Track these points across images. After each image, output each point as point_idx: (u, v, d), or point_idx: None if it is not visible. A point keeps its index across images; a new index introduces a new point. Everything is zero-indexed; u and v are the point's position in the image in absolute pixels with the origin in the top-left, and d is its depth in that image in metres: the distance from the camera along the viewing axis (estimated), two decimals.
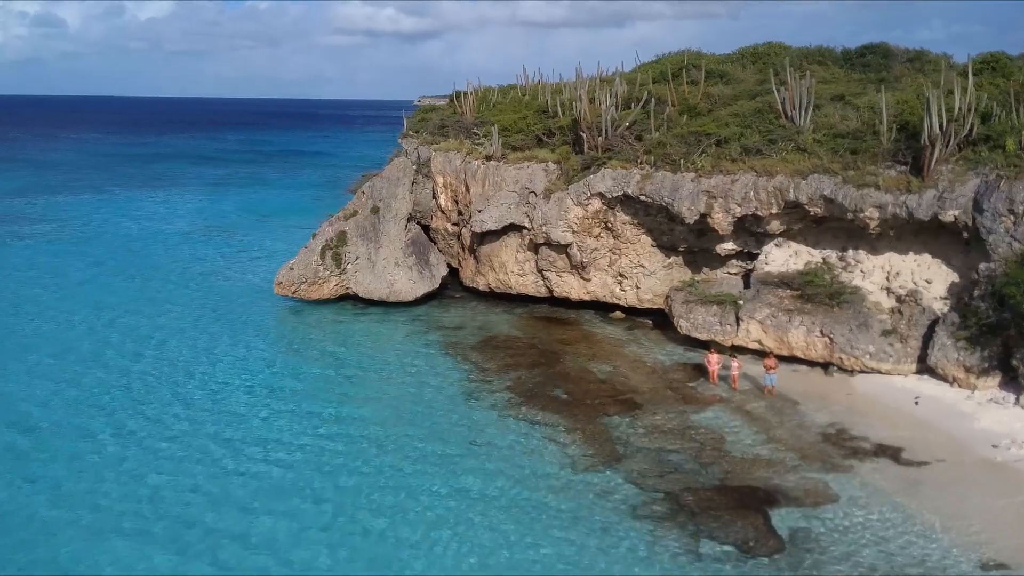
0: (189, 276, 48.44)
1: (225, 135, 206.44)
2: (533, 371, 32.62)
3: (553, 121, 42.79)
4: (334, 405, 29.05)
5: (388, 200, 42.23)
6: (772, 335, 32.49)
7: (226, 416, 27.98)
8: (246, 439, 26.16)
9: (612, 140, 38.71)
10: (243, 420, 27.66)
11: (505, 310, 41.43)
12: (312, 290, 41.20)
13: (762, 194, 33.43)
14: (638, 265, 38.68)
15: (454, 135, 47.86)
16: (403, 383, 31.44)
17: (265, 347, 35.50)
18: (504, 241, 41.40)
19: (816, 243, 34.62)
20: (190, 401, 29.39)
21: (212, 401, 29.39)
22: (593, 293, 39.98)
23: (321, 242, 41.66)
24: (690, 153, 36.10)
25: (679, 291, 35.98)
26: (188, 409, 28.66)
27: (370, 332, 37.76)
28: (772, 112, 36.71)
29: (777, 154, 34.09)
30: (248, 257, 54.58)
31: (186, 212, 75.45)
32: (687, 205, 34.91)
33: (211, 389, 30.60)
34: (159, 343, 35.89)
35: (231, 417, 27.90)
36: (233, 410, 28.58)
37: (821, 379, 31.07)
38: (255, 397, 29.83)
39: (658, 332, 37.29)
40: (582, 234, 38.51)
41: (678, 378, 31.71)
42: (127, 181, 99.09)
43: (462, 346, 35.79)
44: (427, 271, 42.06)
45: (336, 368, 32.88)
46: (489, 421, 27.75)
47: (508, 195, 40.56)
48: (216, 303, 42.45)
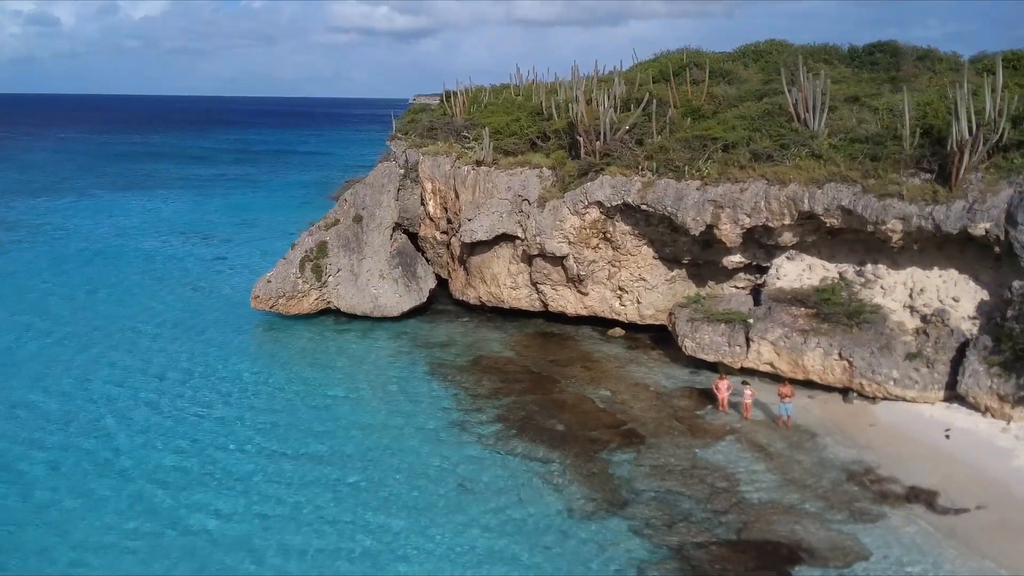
0: (162, 287, 45.74)
1: (217, 134, 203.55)
2: (526, 397, 30.03)
3: (548, 124, 40.15)
4: (296, 442, 26.12)
5: (372, 208, 39.59)
6: (786, 357, 29.92)
7: (164, 463, 24.82)
8: (187, 486, 23.32)
9: (611, 144, 36.08)
10: (183, 469, 24.48)
11: (497, 326, 38.82)
12: (291, 305, 38.57)
13: (774, 204, 30.85)
14: (639, 278, 36.10)
15: (443, 138, 45.18)
16: (383, 412, 28.74)
17: (227, 372, 32.60)
18: (496, 252, 38.79)
19: (831, 256, 32.06)
20: (132, 431, 26.91)
21: (151, 439, 26.44)
22: (591, 308, 37.39)
23: (300, 253, 39.04)
24: (695, 159, 33.50)
25: (683, 308, 33.39)
26: (130, 439, 26.29)
27: (350, 352, 35.09)
28: (783, 114, 34.12)
29: (790, 160, 31.49)
30: (227, 265, 51.89)
31: (169, 215, 72.74)
32: (692, 215, 32.33)
33: (152, 423, 27.73)
34: (111, 364, 33.24)
35: (169, 466, 24.58)
36: (176, 448, 25.74)
37: (840, 407, 28.50)
38: (201, 434, 26.80)
39: (660, 351, 34.70)
40: (579, 245, 35.91)
41: (684, 405, 29.13)
42: (112, 182, 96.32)
43: (450, 367, 33.17)
44: (414, 284, 39.43)
45: (307, 396, 30.05)
46: (478, 458, 25.13)
47: (500, 203, 37.95)
48: (185, 318, 39.76)
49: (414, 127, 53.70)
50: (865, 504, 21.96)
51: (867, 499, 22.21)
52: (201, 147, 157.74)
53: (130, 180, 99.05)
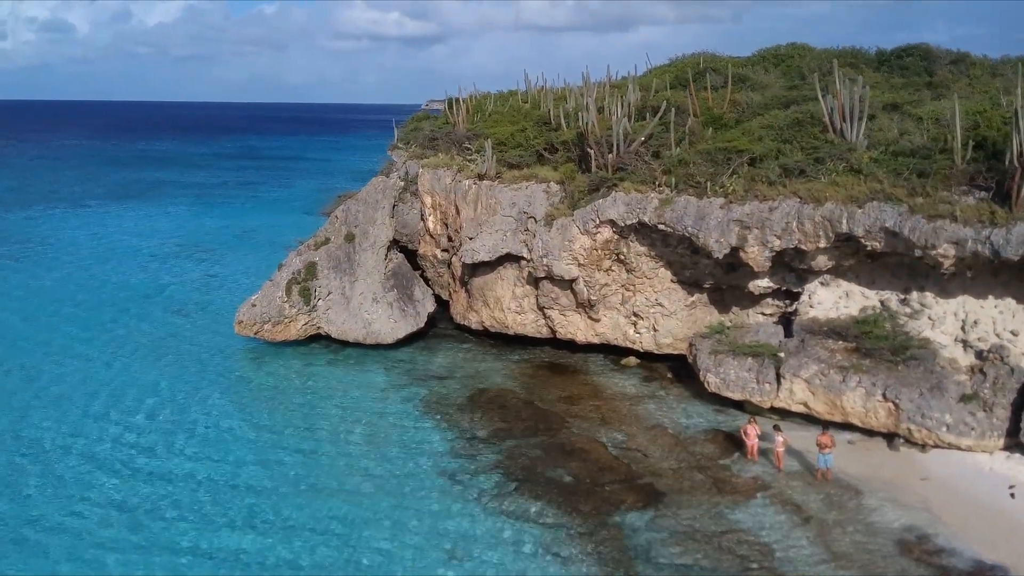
0: (144, 309, 42.73)
1: (223, 140, 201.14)
2: (531, 440, 26.85)
3: (556, 134, 36.98)
4: (239, 511, 22.54)
5: (365, 226, 36.52)
6: (822, 398, 26.66)
7: (110, 518, 21.96)
8: (146, 545, 20.33)
9: (625, 157, 32.89)
10: (137, 523, 21.68)
11: (500, 354, 35.65)
12: (277, 331, 35.51)
13: (807, 225, 27.62)
14: (655, 304, 32.89)
15: (445, 149, 42.11)
16: (370, 460, 25.55)
17: (200, 409, 29.47)
18: (500, 273, 35.65)
19: (871, 282, 28.79)
20: (43, 480, 24.00)
21: (59, 490, 23.46)
22: (603, 335, 34.19)
23: (287, 275, 35.98)
24: (718, 174, 30.31)
25: (705, 339, 30.15)
26: (40, 488, 23.38)
27: (339, 385, 31.92)
28: (815, 124, 30.90)
29: (825, 176, 28.27)
30: (216, 284, 48.86)
31: (164, 227, 69.89)
32: (715, 237, 29.13)
33: (67, 473, 24.64)
34: (80, 395, 30.51)
35: (116, 524, 21.68)
36: (126, 505, 22.71)
37: (885, 455, 25.22)
38: (121, 493, 23.48)
39: (680, 386, 31.47)
40: (590, 267, 32.74)
41: (708, 453, 25.88)
42: (109, 192, 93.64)
43: (447, 404, 30.02)
44: (410, 308, 36.30)
45: (285, 441, 26.87)
46: (472, 518, 21.97)
47: (503, 220, 34.81)
48: (163, 344, 36.75)
49: (415, 136, 50.71)
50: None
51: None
52: (205, 154, 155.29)
53: (128, 189, 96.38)
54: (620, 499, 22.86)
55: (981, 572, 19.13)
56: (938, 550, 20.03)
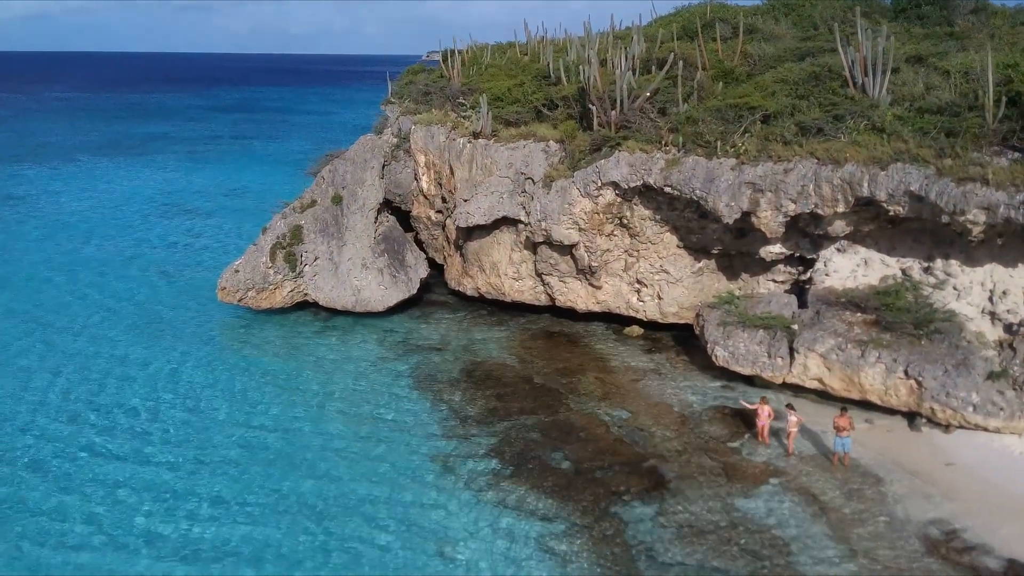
0: (124, 272, 40.92)
1: (221, 93, 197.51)
2: (528, 419, 25.21)
3: (556, 89, 34.78)
4: (240, 482, 21.48)
5: (353, 187, 34.54)
6: (838, 374, 24.91)
7: (64, 506, 20.48)
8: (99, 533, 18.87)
9: (629, 114, 30.79)
10: (91, 512, 20.19)
11: (497, 322, 33.92)
12: (261, 298, 33.75)
13: (825, 188, 25.65)
14: (660, 270, 31.05)
15: (439, 104, 39.97)
16: (354, 441, 23.94)
17: (171, 384, 27.79)
18: (496, 237, 33.78)
19: (892, 249, 26.89)
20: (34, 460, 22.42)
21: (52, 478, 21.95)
22: (604, 304, 32.40)
23: (271, 239, 34.12)
24: (729, 132, 28.26)
25: (714, 309, 28.35)
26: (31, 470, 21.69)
27: (326, 357, 30.23)
28: (834, 78, 28.76)
29: (845, 135, 26.23)
30: (202, 246, 46.97)
31: (152, 185, 67.65)
32: (725, 200, 27.19)
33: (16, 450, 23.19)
34: (44, 369, 28.81)
35: (69, 513, 20.24)
36: (78, 490, 21.20)
37: (906, 437, 23.55)
38: (110, 471, 22.10)
39: (685, 357, 29.76)
40: (591, 232, 30.84)
41: (716, 433, 24.22)
42: (99, 146, 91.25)
43: (440, 379, 28.34)
44: (402, 274, 34.47)
45: (262, 418, 25.31)
46: (463, 511, 20.39)
47: (500, 182, 32.84)
48: (142, 310, 35.08)
49: (409, 91, 48.53)
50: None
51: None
52: (202, 106, 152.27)
53: (120, 144, 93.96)
54: (622, 487, 21.24)
55: (1015, 571, 17.53)
56: (968, 547, 18.43)
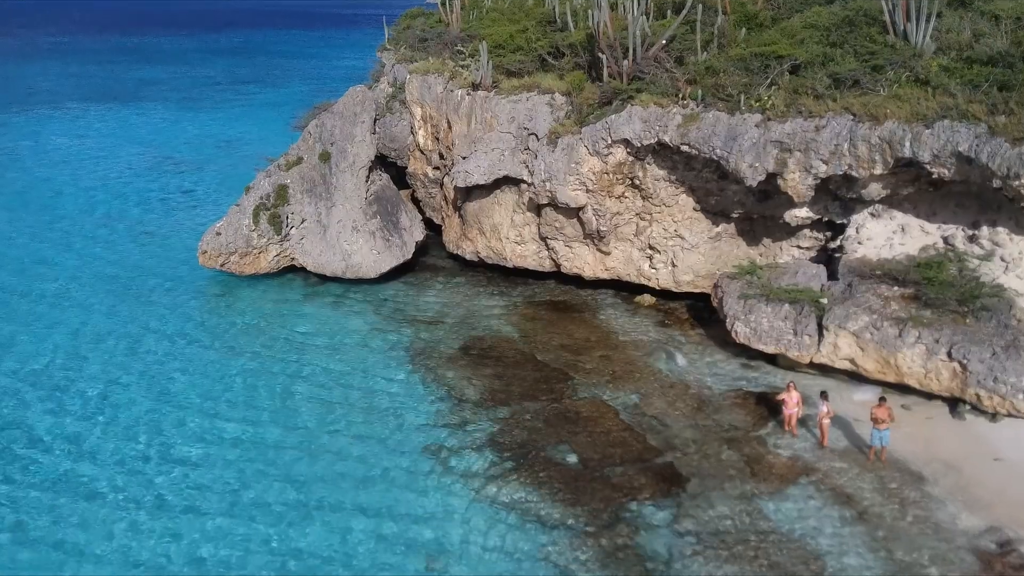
0: (103, 232, 38.50)
1: (220, 38, 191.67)
2: (530, 405, 23.00)
3: (562, 35, 31.89)
4: (205, 471, 19.49)
5: (342, 144, 31.93)
6: (873, 355, 22.56)
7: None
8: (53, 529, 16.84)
9: (642, 64, 28.02)
10: (49, 502, 18.30)
11: (498, 290, 31.55)
12: (245, 263, 31.41)
13: (861, 148, 23.05)
14: (675, 235, 28.60)
15: (436, 52, 37.12)
16: (338, 429, 21.80)
17: (135, 359, 25.60)
18: (497, 197, 31.28)
19: (932, 214, 24.40)
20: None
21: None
22: (613, 270, 30.01)
23: (255, 199, 31.65)
24: (753, 84, 25.57)
25: (734, 280, 25.94)
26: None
27: (312, 330, 27.97)
28: (870, 23, 25.96)
29: (885, 88, 23.53)
30: (189, 203, 44.43)
31: (142, 134, 64.76)
32: (749, 161, 24.63)
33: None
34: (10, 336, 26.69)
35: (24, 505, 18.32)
36: (30, 483, 19.17)
37: (947, 425, 21.31)
38: (64, 463, 20.17)
39: (701, 331, 27.46)
40: (599, 194, 28.34)
41: (737, 421, 22.00)
42: (90, 93, 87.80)
43: (435, 355, 26.10)
44: (396, 237, 32.04)
45: (232, 402, 23.16)
46: (457, 512, 18.31)
47: (501, 137, 30.24)
48: (118, 275, 32.75)
49: (406, 37, 45.54)
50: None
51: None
52: (201, 50, 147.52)
53: (111, 90, 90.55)
54: (634, 487, 19.10)
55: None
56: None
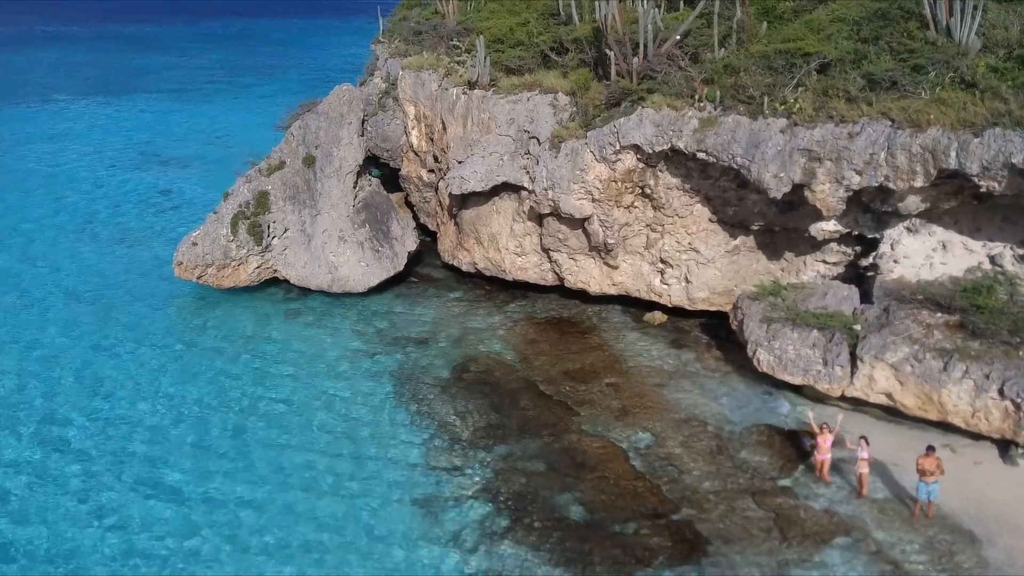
0: (78, 238, 36.01)
1: (219, 26, 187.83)
2: (530, 444, 20.67)
3: (566, 30, 29.38)
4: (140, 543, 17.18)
5: (328, 147, 29.50)
6: (913, 389, 20.19)
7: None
8: None
9: (654, 61, 25.57)
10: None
11: (496, 305, 29.17)
12: (224, 275, 29.04)
13: (900, 158, 20.62)
14: (689, 249, 26.19)
15: (431, 46, 34.63)
16: (314, 474, 19.47)
17: (94, 383, 23.42)
18: (495, 205, 28.89)
19: (976, 230, 21.99)
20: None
21: None
22: (621, 286, 27.63)
23: (234, 207, 29.25)
24: (778, 85, 23.10)
25: (755, 301, 23.55)
26: None
27: (292, 350, 25.59)
28: (907, 16, 23.46)
29: (927, 90, 21.08)
30: (174, 203, 41.97)
31: (129, 130, 62.11)
32: (773, 170, 22.21)
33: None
34: None
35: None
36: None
37: (1000, 473, 18.98)
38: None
39: (717, 353, 25.11)
40: (606, 203, 25.93)
41: (761, 465, 19.65)
42: (81, 85, 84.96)
43: (426, 382, 23.75)
44: (386, 248, 29.65)
45: (200, 436, 20.93)
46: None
47: (499, 141, 27.81)
48: (88, 287, 30.41)
49: (401, 28, 43.00)
50: None
51: None
52: (200, 39, 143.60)
53: (103, 81, 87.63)
54: (647, 549, 16.78)
55: None
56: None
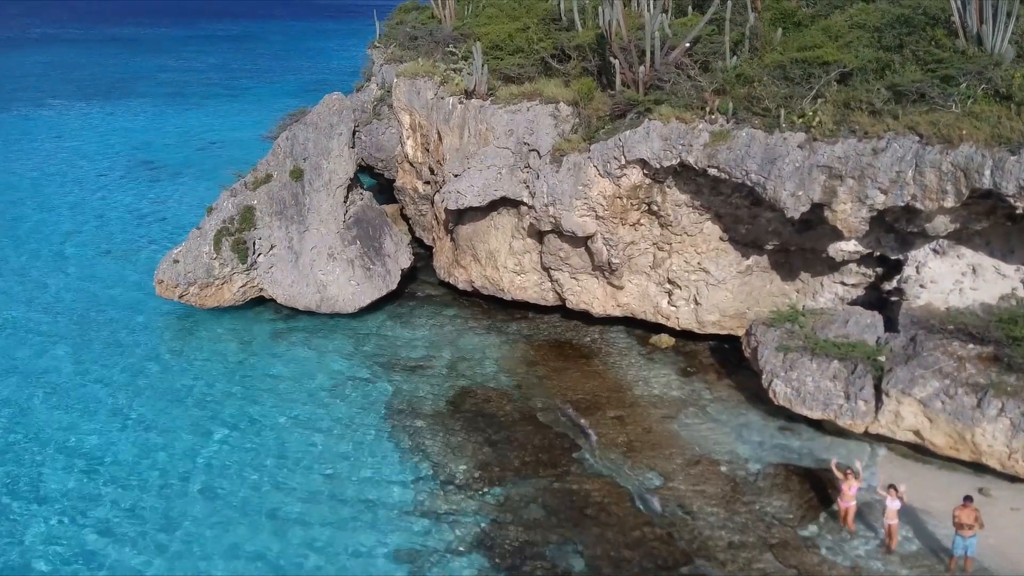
0: (60, 251, 34.86)
1: (217, 28, 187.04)
2: (528, 485, 19.13)
3: (568, 36, 27.84)
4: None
5: (316, 159, 27.98)
6: (944, 427, 18.64)
7: None
8: None
9: (662, 70, 24.04)
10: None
11: (494, 326, 27.65)
12: (207, 295, 27.55)
13: (930, 176, 19.08)
14: (698, 269, 24.65)
15: (427, 51, 33.10)
16: (295, 522, 17.94)
17: (48, 414, 21.94)
18: (493, 220, 27.38)
19: (1008, 252, 20.45)
20: None
21: None
22: (627, 307, 26.10)
23: (217, 222, 27.75)
24: (794, 96, 21.55)
25: (770, 328, 21.97)
26: None
27: (272, 378, 24.07)
28: (934, 23, 21.90)
29: (958, 103, 19.52)
30: (164, 214, 40.57)
31: (121, 136, 60.69)
32: (791, 189, 20.66)
33: None
34: None
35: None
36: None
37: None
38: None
39: (729, 381, 23.55)
40: (611, 221, 24.40)
41: (779, 511, 18.08)
42: (76, 89, 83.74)
43: (418, 415, 22.19)
44: (378, 265, 28.13)
45: (149, 486, 19.36)
46: None
47: (497, 153, 26.30)
48: (63, 304, 29.21)
49: (397, 33, 41.46)
50: None
51: None
52: (199, 41, 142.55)
53: (100, 85, 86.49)
54: None
55: None
56: None
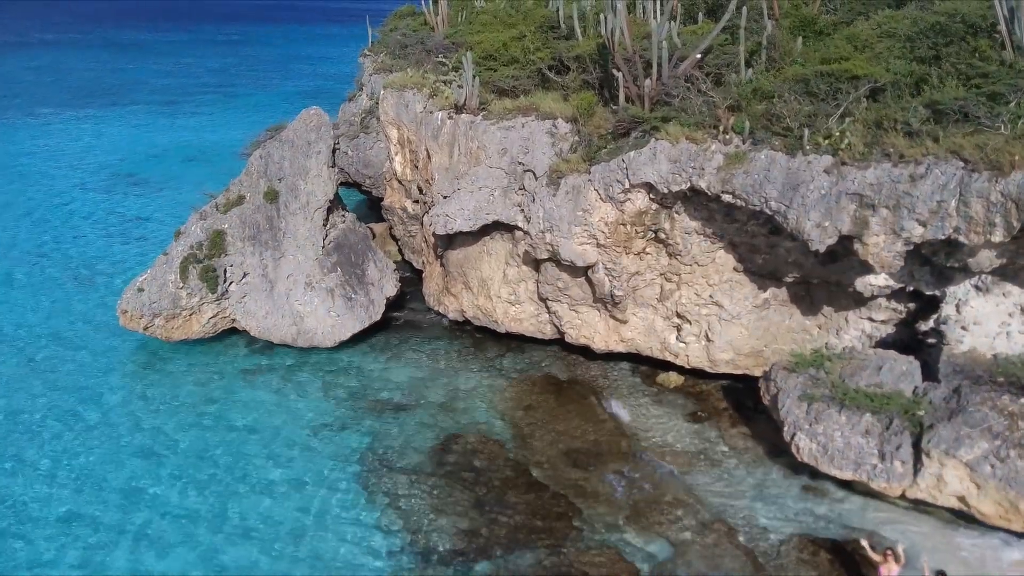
0: (26, 274, 32.48)
1: (216, 33, 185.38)
2: (519, 558, 16.84)
3: (567, 45, 25.56)
4: None
5: (293, 180, 25.75)
6: (994, 495, 16.33)
7: None
8: None
9: (670, 84, 21.74)
10: None
11: (488, 361, 25.36)
12: (172, 327, 25.30)
13: (976, 206, 16.77)
14: (710, 302, 22.34)
15: (416, 61, 30.88)
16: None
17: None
18: (485, 246, 25.14)
19: None
20: None
21: None
22: (631, 343, 23.79)
23: (184, 248, 25.50)
24: (819, 114, 19.25)
25: (792, 373, 19.65)
26: None
27: (240, 424, 21.73)
28: (975, 33, 19.62)
29: (1007, 124, 17.21)
30: (143, 233, 38.27)
31: (108, 146, 58.60)
32: (816, 219, 18.36)
33: None
34: None
35: None
36: None
37: None
38: None
39: (744, 429, 21.24)
40: (614, 249, 22.12)
41: None
42: (67, 97, 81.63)
43: (397, 470, 19.87)
44: (361, 295, 25.86)
45: (109, 537, 17.20)
46: None
47: (490, 174, 24.03)
48: (27, 331, 26.99)
49: (388, 41, 39.31)
50: None
51: None
52: (196, 46, 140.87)
53: (92, 93, 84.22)
54: None
55: None
56: None
